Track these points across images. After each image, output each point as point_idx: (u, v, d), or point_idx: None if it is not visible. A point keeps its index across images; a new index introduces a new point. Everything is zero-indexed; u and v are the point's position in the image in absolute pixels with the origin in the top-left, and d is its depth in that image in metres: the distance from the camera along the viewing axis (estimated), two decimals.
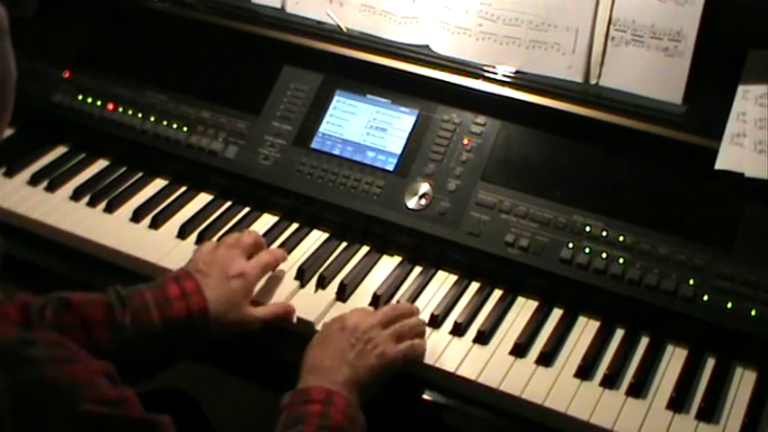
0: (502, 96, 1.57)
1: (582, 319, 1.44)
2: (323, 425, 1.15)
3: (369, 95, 1.66)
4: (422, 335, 1.36)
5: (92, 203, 1.66)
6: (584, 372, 1.33)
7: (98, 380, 0.90)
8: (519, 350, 1.37)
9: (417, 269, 1.53)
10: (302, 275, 1.49)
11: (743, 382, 1.33)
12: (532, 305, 1.46)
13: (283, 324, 1.42)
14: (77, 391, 0.87)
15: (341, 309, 1.44)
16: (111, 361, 0.95)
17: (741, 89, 1.45)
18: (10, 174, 1.72)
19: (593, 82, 1.57)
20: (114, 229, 1.60)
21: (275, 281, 1.48)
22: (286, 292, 1.46)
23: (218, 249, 1.42)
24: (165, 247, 1.56)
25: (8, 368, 0.84)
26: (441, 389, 1.34)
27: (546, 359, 1.35)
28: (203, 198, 1.69)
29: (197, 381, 1.63)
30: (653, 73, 1.51)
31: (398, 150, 1.59)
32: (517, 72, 1.59)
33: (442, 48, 1.64)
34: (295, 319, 1.42)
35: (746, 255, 1.37)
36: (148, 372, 1.30)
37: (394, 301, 1.45)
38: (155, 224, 1.61)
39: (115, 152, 1.78)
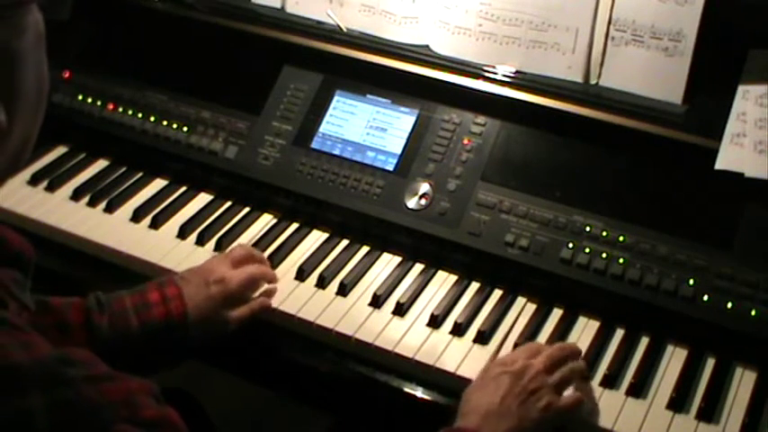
0: (502, 96, 1.57)
1: (582, 319, 1.44)
2: None
3: (369, 95, 1.65)
4: (587, 382, 1.31)
5: (92, 203, 1.66)
6: None
7: (136, 399, 0.87)
8: None
9: (417, 269, 1.53)
10: (302, 275, 1.49)
11: (743, 382, 1.33)
12: (532, 305, 1.46)
13: (284, 324, 1.42)
14: (112, 410, 0.84)
15: (341, 304, 1.45)
16: None
17: (741, 89, 1.45)
18: None
19: (593, 82, 1.57)
20: (114, 229, 1.60)
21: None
22: (286, 291, 1.46)
23: (209, 260, 1.45)
24: (165, 247, 1.56)
25: (46, 388, 0.82)
26: (440, 389, 1.33)
27: None
28: (203, 198, 1.69)
29: (198, 381, 1.63)
30: (653, 73, 1.51)
31: (398, 150, 1.59)
32: (517, 72, 1.59)
33: (442, 48, 1.64)
34: (295, 313, 1.42)
35: (746, 255, 1.37)
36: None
37: (394, 300, 1.45)
38: (155, 224, 1.61)
39: (115, 152, 1.78)
